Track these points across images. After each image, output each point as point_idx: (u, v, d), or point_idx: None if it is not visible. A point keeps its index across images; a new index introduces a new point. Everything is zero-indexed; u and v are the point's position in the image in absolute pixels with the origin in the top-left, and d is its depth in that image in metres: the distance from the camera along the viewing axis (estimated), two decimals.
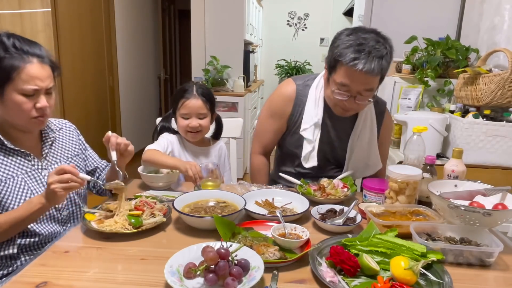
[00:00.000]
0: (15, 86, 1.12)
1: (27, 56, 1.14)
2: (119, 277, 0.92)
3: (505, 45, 2.23)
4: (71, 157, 1.38)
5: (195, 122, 1.64)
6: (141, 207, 1.19)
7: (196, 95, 1.64)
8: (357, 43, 1.31)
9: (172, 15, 6.04)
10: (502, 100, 2.00)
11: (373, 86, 1.38)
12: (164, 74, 5.63)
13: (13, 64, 1.11)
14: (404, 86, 2.60)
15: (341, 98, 1.40)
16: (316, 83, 1.57)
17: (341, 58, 1.32)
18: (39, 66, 1.15)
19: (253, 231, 1.11)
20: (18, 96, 1.13)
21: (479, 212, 1.04)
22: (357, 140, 1.58)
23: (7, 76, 1.11)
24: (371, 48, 1.29)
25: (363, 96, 1.39)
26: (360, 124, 1.56)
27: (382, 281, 0.87)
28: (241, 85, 4.06)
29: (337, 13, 6.17)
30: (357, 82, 1.34)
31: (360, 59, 1.28)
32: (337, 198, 1.38)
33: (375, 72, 1.30)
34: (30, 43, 1.17)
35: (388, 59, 1.33)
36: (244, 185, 1.53)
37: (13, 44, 1.13)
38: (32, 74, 1.13)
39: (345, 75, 1.34)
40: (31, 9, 2.80)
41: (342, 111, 1.48)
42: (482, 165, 2.09)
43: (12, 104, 1.14)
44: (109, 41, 3.97)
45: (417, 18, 2.87)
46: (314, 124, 1.53)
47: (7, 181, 1.18)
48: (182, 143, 1.74)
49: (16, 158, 1.22)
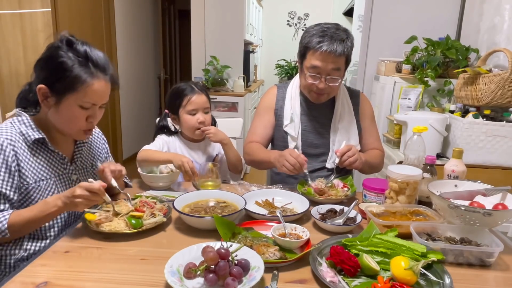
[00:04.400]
0: (76, 98, 1.11)
1: (96, 70, 1.12)
2: (119, 277, 0.92)
3: (505, 45, 2.23)
4: (95, 164, 1.38)
5: (202, 117, 1.68)
6: (141, 208, 1.19)
7: (199, 91, 1.68)
8: (320, 31, 1.54)
9: (172, 15, 6.04)
10: (502, 100, 2.00)
11: (340, 66, 1.55)
12: (164, 74, 5.63)
13: (81, 76, 1.09)
14: (404, 86, 2.60)
15: (313, 81, 1.57)
16: (292, 84, 1.76)
17: (309, 44, 1.54)
18: (104, 83, 1.14)
19: (253, 231, 1.11)
20: (75, 108, 1.12)
21: (479, 212, 1.04)
22: (338, 123, 1.70)
23: (72, 86, 1.10)
24: (332, 33, 1.51)
25: (332, 77, 1.55)
26: (338, 108, 1.71)
27: (382, 281, 0.87)
28: (241, 85, 4.07)
29: (337, 13, 6.17)
30: (325, 62, 1.52)
31: (324, 42, 1.50)
32: (337, 198, 1.38)
33: (338, 52, 1.50)
34: (102, 57, 1.15)
35: (349, 43, 1.53)
36: (244, 185, 1.53)
37: (86, 54, 1.11)
38: (96, 91, 1.12)
39: (313, 57, 1.54)
40: (31, 9, 2.80)
41: (317, 96, 1.63)
42: (482, 165, 2.09)
43: (66, 113, 1.13)
44: (109, 41, 3.97)
45: (417, 18, 2.87)
46: (291, 118, 1.69)
47: (40, 182, 1.16)
48: (178, 142, 1.75)
49: (52, 160, 1.21)
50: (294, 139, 1.68)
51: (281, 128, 1.72)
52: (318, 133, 1.71)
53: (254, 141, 1.73)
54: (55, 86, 1.11)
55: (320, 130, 1.71)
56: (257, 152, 1.67)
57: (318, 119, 1.71)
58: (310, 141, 1.70)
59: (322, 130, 1.71)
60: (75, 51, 1.11)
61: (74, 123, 1.16)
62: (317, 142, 1.71)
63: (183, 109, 1.67)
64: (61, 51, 1.11)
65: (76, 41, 1.13)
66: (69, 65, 1.09)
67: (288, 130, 1.69)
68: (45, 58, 1.13)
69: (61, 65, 1.09)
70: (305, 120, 1.71)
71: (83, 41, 1.14)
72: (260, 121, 1.76)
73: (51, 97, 1.12)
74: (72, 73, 1.09)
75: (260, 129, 1.75)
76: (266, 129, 1.75)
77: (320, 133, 1.71)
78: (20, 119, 1.17)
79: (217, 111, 3.93)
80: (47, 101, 1.13)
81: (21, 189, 1.13)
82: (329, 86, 1.57)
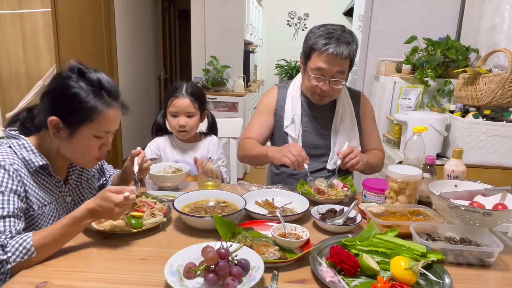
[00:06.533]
0: (91, 128, 1.09)
1: (110, 99, 1.11)
2: (119, 277, 0.92)
3: (505, 45, 2.23)
4: (90, 179, 1.35)
5: (182, 120, 1.67)
6: (142, 208, 1.19)
7: (184, 94, 1.67)
8: (326, 32, 1.52)
9: (172, 15, 6.03)
10: (502, 100, 2.00)
11: (344, 69, 1.55)
12: (164, 74, 5.63)
13: (97, 107, 1.07)
14: (404, 86, 2.60)
15: (317, 83, 1.56)
16: (293, 84, 1.75)
17: (315, 46, 1.52)
18: (117, 111, 1.14)
19: (253, 231, 1.11)
20: (90, 138, 1.11)
21: (479, 212, 1.04)
22: (339, 124, 1.70)
23: (87, 118, 1.07)
24: (339, 36, 1.50)
25: (336, 80, 1.55)
26: (340, 109, 1.70)
27: (382, 281, 0.87)
28: (241, 85, 4.06)
29: (337, 13, 6.17)
30: (330, 64, 1.51)
31: (330, 44, 1.49)
32: (337, 198, 1.38)
33: (344, 55, 1.49)
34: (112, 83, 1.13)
35: (354, 46, 1.53)
36: (244, 185, 1.53)
37: (99, 82, 1.09)
38: (111, 119, 1.11)
39: (319, 59, 1.52)
40: (31, 9, 2.80)
41: (319, 98, 1.62)
42: (482, 165, 2.09)
43: (80, 144, 1.11)
44: (109, 41, 3.96)
45: (417, 18, 2.86)
46: (292, 119, 1.68)
47: (43, 208, 1.13)
48: (172, 142, 1.77)
49: (50, 184, 1.17)
50: (295, 140, 1.68)
51: (282, 129, 1.71)
52: (319, 134, 1.71)
53: (250, 138, 1.72)
54: (68, 118, 1.07)
55: (321, 131, 1.71)
56: (252, 147, 1.66)
57: (319, 120, 1.71)
58: (311, 142, 1.70)
59: (323, 131, 1.71)
60: (87, 80, 1.08)
61: (88, 153, 1.14)
62: (318, 143, 1.70)
63: (168, 110, 1.69)
64: (71, 81, 1.07)
65: (88, 70, 1.10)
66: (83, 96, 1.06)
67: (288, 131, 1.69)
68: (56, 89, 1.09)
69: (75, 96, 1.06)
70: (306, 121, 1.71)
71: (94, 69, 1.11)
72: (258, 120, 1.76)
73: (63, 129, 1.08)
74: (87, 104, 1.06)
75: (258, 127, 1.75)
76: (263, 128, 1.75)
77: (321, 134, 1.71)
78: (20, 143, 1.10)
79: (217, 111, 3.93)
80: (59, 133, 1.09)
81: (27, 215, 1.08)
82: (332, 88, 1.56)
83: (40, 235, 0.96)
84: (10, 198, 1.00)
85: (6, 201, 0.99)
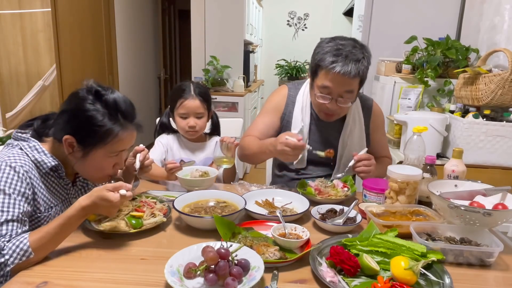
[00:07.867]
0: (105, 149, 1.10)
1: (125, 121, 1.11)
2: (119, 277, 0.92)
3: (505, 45, 2.23)
4: None
5: (193, 121, 1.67)
6: (141, 208, 1.19)
7: (193, 95, 1.66)
8: (335, 48, 1.41)
9: (172, 15, 6.04)
10: (502, 100, 2.00)
11: (353, 88, 1.45)
12: (164, 74, 5.63)
13: (113, 130, 1.08)
14: (404, 86, 2.60)
15: (323, 101, 1.48)
16: (303, 90, 1.66)
17: (321, 63, 1.42)
18: (132, 132, 1.14)
19: (253, 231, 1.11)
20: (104, 158, 1.11)
21: (479, 212, 1.04)
22: (347, 137, 1.64)
23: (103, 140, 1.08)
24: (348, 53, 1.39)
25: (344, 99, 1.46)
26: (349, 121, 1.63)
27: (382, 281, 0.87)
28: (241, 85, 4.06)
29: (337, 13, 6.17)
30: (337, 84, 1.42)
31: (338, 62, 1.38)
32: (337, 198, 1.38)
33: (352, 74, 1.38)
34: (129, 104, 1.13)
35: (365, 63, 1.42)
36: (244, 185, 1.53)
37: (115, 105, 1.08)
38: (125, 140, 1.12)
39: (325, 78, 1.43)
40: (31, 9, 2.80)
41: (326, 116, 1.56)
42: (482, 165, 2.09)
43: (94, 163, 1.11)
44: (109, 41, 3.97)
45: (417, 18, 2.86)
46: (300, 130, 1.59)
47: (50, 210, 1.13)
48: (179, 141, 1.76)
49: (58, 186, 1.18)
50: None
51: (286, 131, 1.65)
52: (326, 145, 1.62)
53: (251, 135, 1.67)
54: (83, 139, 1.08)
55: (328, 142, 1.64)
56: (250, 145, 1.60)
57: (327, 130, 1.65)
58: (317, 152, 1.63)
59: (330, 142, 1.64)
60: (103, 103, 1.08)
61: (101, 171, 1.15)
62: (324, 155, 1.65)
63: (176, 111, 1.68)
64: (87, 103, 1.07)
65: (105, 91, 1.10)
66: (99, 119, 1.07)
67: None
68: (72, 111, 1.09)
69: (91, 119, 1.06)
70: (314, 130, 1.65)
71: (112, 89, 1.11)
72: (263, 119, 1.69)
73: (78, 149, 1.09)
74: (103, 128, 1.07)
75: (262, 126, 1.69)
76: (267, 128, 1.70)
77: (328, 145, 1.62)
78: (31, 145, 1.11)
79: (217, 111, 3.91)
80: (73, 152, 1.10)
81: (33, 217, 1.09)
82: (339, 107, 1.48)
83: (36, 236, 0.95)
84: (16, 202, 1.00)
85: (12, 205, 0.99)
